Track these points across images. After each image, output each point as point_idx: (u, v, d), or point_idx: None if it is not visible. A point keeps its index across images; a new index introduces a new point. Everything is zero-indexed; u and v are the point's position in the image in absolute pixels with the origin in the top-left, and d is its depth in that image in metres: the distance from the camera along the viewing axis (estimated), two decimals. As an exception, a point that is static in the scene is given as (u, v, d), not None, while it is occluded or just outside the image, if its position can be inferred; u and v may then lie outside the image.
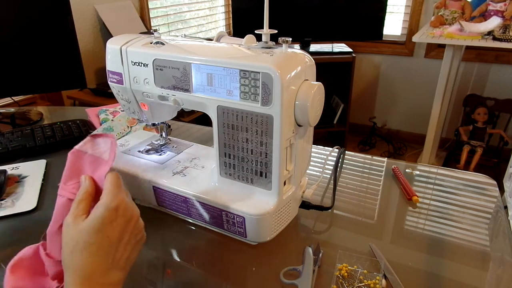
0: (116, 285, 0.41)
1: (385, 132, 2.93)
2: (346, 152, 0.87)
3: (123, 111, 0.90)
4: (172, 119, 0.73)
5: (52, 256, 0.46)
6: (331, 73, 2.52)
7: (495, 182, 0.77)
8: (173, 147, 0.73)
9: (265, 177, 0.56)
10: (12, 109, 1.17)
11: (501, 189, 0.80)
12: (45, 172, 0.79)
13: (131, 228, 0.44)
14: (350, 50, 2.51)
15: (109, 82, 0.66)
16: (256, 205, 0.56)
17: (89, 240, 0.40)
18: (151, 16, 2.22)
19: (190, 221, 0.64)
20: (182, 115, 2.02)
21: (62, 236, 0.42)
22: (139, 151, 0.72)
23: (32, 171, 0.79)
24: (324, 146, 0.90)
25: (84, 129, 0.95)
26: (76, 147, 0.49)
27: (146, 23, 2.16)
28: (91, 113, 1.03)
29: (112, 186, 0.44)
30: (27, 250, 0.48)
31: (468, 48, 2.32)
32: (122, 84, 0.64)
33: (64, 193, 0.47)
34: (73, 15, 1.09)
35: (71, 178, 0.48)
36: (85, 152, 0.49)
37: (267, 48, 0.54)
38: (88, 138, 0.50)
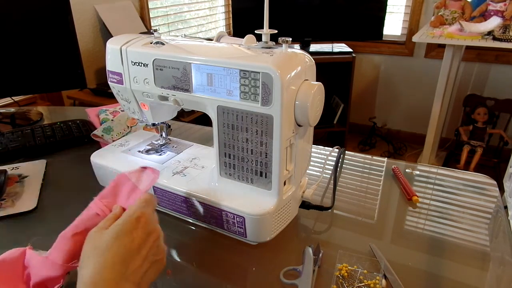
0: None
1: (385, 132, 2.93)
2: (346, 152, 0.87)
3: (123, 111, 0.90)
4: (172, 119, 0.73)
5: (51, 258, 0.45)
6: (331, 73, 2.52)
7: (495, 182, 0.77)
8: (173, 147, 0.73)
9: (265, 177, 0.56)
10: (12, 109, 1.17)
11: (501, 189, 0.80)
12: (45, 172, 0.79)
13: (150, 243, 0.43)
14: (350, 50, 2.51)
15: (109, 82, 0.66)
16: (256, 205, 0.56)
17: (106, 246, 0.40)
18: (151, 16, 2.22)
19: (190, 221, 0.64)
20: (182, 115, 2.02)
21: (84, 246, 0.42)
22: (139, 151, 0.72)
23: (32, 171, 0.79)
24: (324, 146, 0.90)
25: (84, 129, 0.95)
26: (127, 171, 0.53)
27: (146, 23, 2.16)
28: (91, 113, 1.02)
29: (140, 200, 0.45)
30: (12, 252, 0.47)
31: (468, 48, 2.32)
32: (122, 84, 0.64)
33: (94, 207, 0.49)
34: (73, 15, 1.09)
35: (107, 196, 0.50)
36: (130, 179, 0.52)
37: (267, 48, 0.54)
38: (139, 168, 0.54)
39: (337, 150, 0.76)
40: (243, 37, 0.58)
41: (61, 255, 0.45)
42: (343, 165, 0.84)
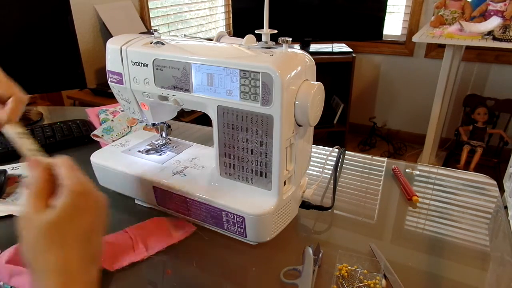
0: (95, 282, 0.36)
1: (385, 132, 2.93)
2: (346, 152, 0.87)
3: (123, 111, 0.90)
4: (172, 119, 0.73)
5: None
6: (331, 73, 2.52)
7: (495, 182, 0.77)
8: (173, 147, 0.73)
9: (265, 177, 0.56)
10: (12, 109, 1.17)
11: (501, 189, 0.80)
12: (45, 172, 0.79)
13: (102, 216, 0.39)
14: (350, 50, 2.51)
15: (109, 82, 0.66)
16: (256, 205, 0.56)
17: (63, 233, 0.35)
18: (151, 16, 2.22)
19: (190, 221, 0.64)
20: (182, 115, 2.02)
21: (24, 234, 0.37)
22: (139, 151, 0.72)
23: (32, 171, 0.79)
24: (324, 146, 0.90)
25: (84, 129, 0.95)
26: (165, 218, 0.64)
27: (146, 23, 2.16)
28: (91, 113, 1.03)
29: (71, 171, 0.39)
30: None
31: (468, 48, 2.32)
32: (122, 84, 0.64)
33: (129, 231, 0.60)
34: (73, 15, 1.09)
35: (142, 228, 0.61)
36: (166, 224, 0.63)
37: (267, 48, 0.54)
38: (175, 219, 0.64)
39: (337, 150, 0.76)
40: (243, 37, 0.58)
41: None
42: (343, 165, 0.84)
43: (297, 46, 2.57)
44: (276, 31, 0.55)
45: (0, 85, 0.52)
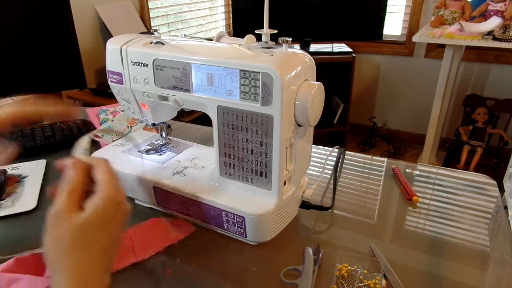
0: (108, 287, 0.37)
1: (385, 132, 2.93)
2: (346, 152, 0.87)
3: (123, 111, 0.90)
4: (172, 119, 0.73)
5: None
6: (331, 73, 2.52)
7: (495, 182, 0.77)
8: (173, 147, 0.73)
9: (265, 177, 0.56)
10: (12, 109, 1.17)
11: (501, 189, 0.80)
12: (45, 172, 0.79)
13: (124, 224, 0.40)
14: (350, 50, 2.51)
15: (109, 82, 0.66)
16: (256, 205, 0.56)
17: (90, 237, 0.35)
18: (151, 16, 2.22)
19: (190, 221, 0.64)
20: (182, 115, 2.02)
21: (51, 231, 0.36)
22: (139, 151, 0.72)
23: (32, 171, 0.79)
24: (324, 146, 0.90)
25: (84, 129, 0.95)
26: (163, 218, 0.63)
27: (146, 23, 2.16)
28: (91, 113, 1.03)
29: (110, 177, 0.39)
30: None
31: (468, 48, 2.32)
32: (122, 84, 0.64)
33: (125, 235, 0.58)
34: (73, 15, 1.09)
35: (139, 230, 0.60)
36: (165, 224, 0.62)
37: (267, 48, 0.54)
38: (172, 219, 0.63)
39: (337, 150, 0.76)
40: (243, 37, 0.58)
41: None
42: (343, 165, 0.83)
43: (297, 46, 2.57)
44: (276, 31, 0.55)
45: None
